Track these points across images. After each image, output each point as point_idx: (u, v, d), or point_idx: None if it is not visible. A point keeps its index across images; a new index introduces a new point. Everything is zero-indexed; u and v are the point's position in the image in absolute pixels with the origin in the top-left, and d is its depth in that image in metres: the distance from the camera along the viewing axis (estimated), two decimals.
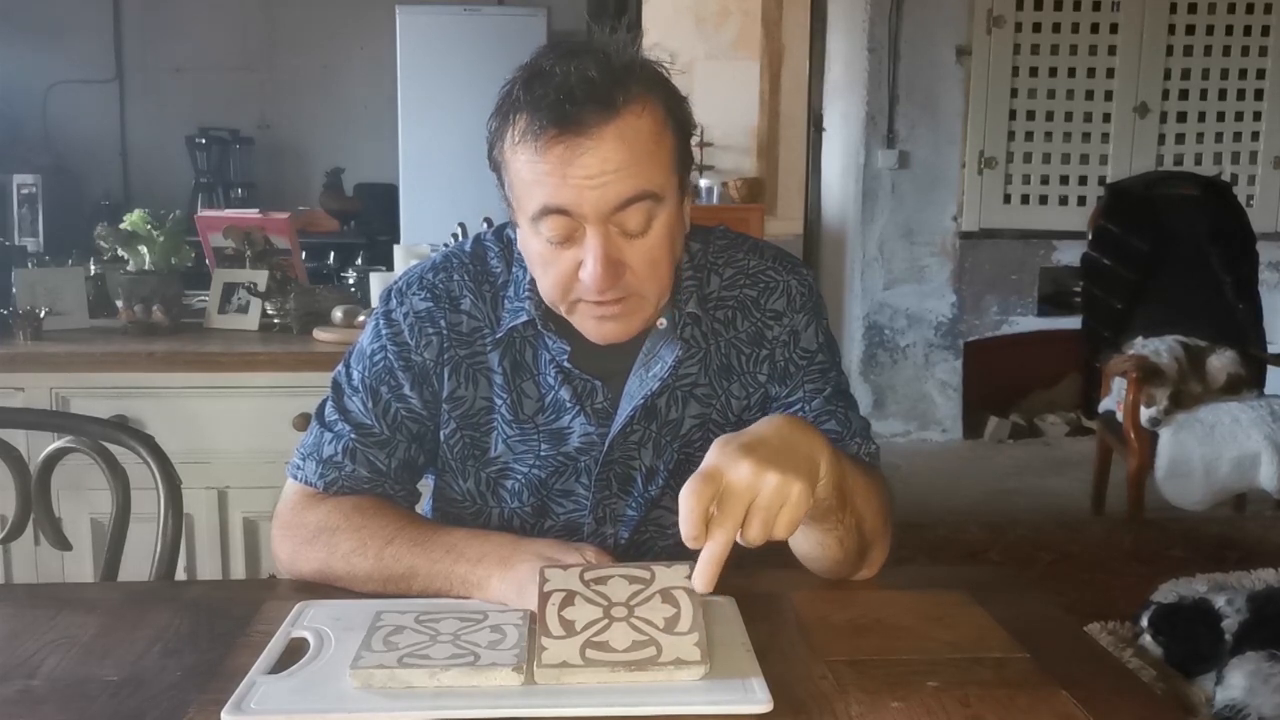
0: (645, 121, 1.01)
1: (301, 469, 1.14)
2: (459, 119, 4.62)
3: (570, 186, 0.99)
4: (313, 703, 0.82)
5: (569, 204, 1.00)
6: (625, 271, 1.03)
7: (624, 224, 1.02)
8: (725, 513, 0.85)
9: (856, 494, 1.02)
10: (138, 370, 2.13)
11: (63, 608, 1.03)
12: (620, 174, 0.99)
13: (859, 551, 1.06)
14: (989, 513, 3.81)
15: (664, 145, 1.03)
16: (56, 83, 5.07)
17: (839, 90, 5.16)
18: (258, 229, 2.49)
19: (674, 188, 1.05)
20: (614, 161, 0.99)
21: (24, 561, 2.10)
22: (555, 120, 0.98)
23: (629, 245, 1.03)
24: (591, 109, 0.98)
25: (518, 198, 1.05)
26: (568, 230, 1.02)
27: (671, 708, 0.81)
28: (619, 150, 0.99)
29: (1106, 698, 0.84)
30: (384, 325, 1.16)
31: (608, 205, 1.00)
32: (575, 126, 0.98)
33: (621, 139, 0.99)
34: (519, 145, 1.01)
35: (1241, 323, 3.80)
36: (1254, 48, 4.64)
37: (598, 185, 0.99)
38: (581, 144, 0.98)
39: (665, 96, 1.04)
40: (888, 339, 4.82)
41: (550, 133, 0.98)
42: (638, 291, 1.06)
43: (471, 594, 1.02)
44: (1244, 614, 2.21)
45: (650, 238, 1.04)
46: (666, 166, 1.04)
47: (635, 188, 1.01)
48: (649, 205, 1.02)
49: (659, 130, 1.03)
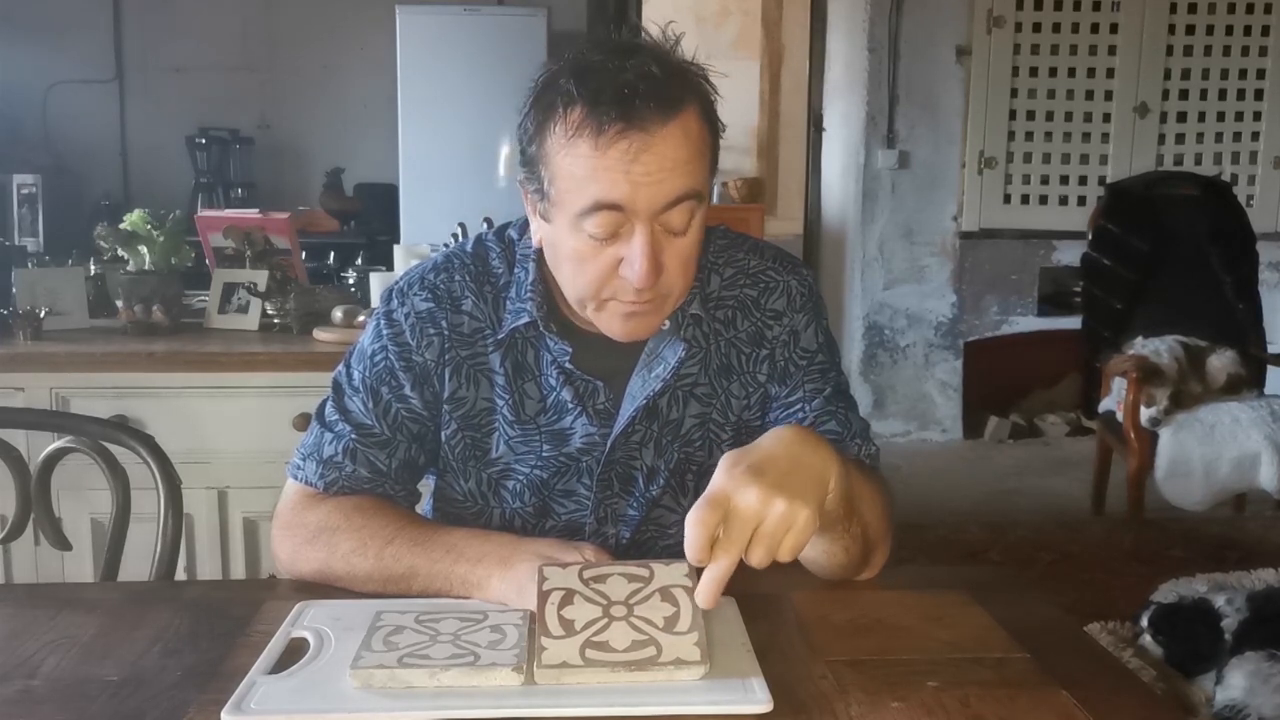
0: (696, 122, 1.02)
1: (302, 469, 1.14)
2: (459, 119, 4.62)
3: (629, 182, 0.99)
4: (313, 703, 0.82)
5: (624, 199, 1.00)
6: (663, 271, 1.04)
7: (669, 222, 1.02)
8: (730, 538, 0.85)
9: (863, 502, 1.02)
10: (138, 370, 2.13)
11: (63, 608, 1.03)
12: (676, 172, 1.00)
13: (863, 556, 1.07)
14: (989, 513, 3.81)
15: (708, 145, 1.04)
16: (56, 83, 5.07)
17: (839, 90, 5.16)
18: (258, 229, 2.49)
19: (709, 189, 1.07)
20: (672, 160, 0.99)
21: (24, 561, 2.10)
22: (621, 115, 0.98)
23: (669, 244, 1.03)
24: (656, 106, 0.98)
25: (561, 192, 1.02)
26: (615, 226, 1.01)
27: (671, 708, 0.81)
28: (677, 148, 1.00)
29: (1106, 698, 0.84)
30: (385, 325, 1.16)
31: (660, 203, 1.00)
32: (640, 122, 0.98)
33: (681, 136, 1.00)
34: (573, 139, 0.99)
35: (1241, 323, 3.80)
36: (1254, 48, 4.64)
37: (655, 182, 0.99)
38: (645, 141, 0.98)
39: (708, 98, 1.05)
40: (888, 339, 4.82)
41: (616, 127, 0.98)
42: (668, 291, 1.06)
43: (471, 594, 1.01)
44: (1244, 614, 2.21)
45: (689, 237, 1.04)
46: (709, 167, 1.05)
47: (686, 186, 1.01)
48: (693, 205, 1.03)
49: (705, 131, 1.04)
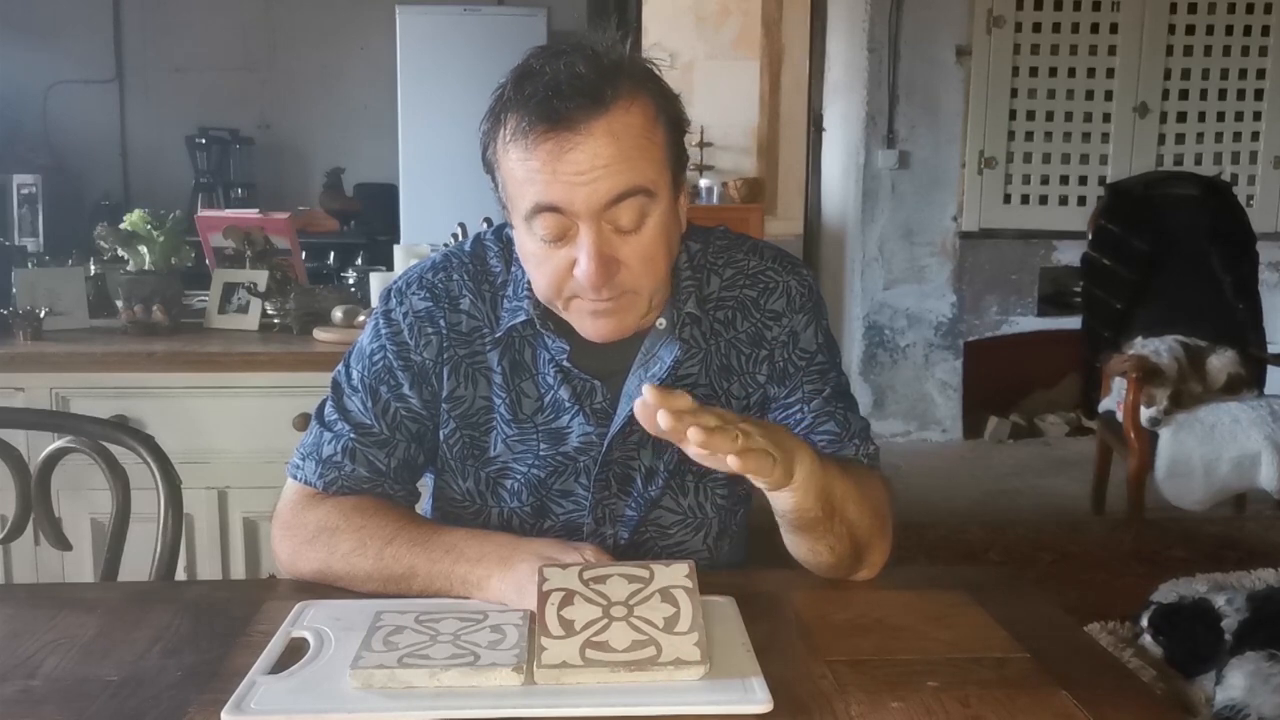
0: (635, 117, 1.01)
1: (301, 469, 1.14)
2: (459, 119, 4.57)
3: (561, 183, 0.99)
4: (313, 703, 0.82)
5: (560, 201, 1.00)
6: (619, 269, 1.03)
7: (617, 220, 1.02)
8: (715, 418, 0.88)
9: (846, 502, 1.02)
10: (138, 370, 2.13)
11: (63, 608, 1.03)
12: (610, 169, 0.99)
13: (853, 555, 1.07)
14: (989, 513, 3.81)
15: (655, 141, 1.03)
16: (56, 83, 5.07)
17: (839, 90, 5.16)
18: (258, 229, 2.49)
19: (667, 184, 1.05)
20: (604, 157, 0.99)
21: (24, 561, 2.10)
22: (544, 117, 0.98)
23: (623, 242, 1.03)
24: (580, 104, 0.98)
25: (510, 197, 1.05)
26: (561, 228, 1.02)
27: (671, 708, 0.81)
28: (609, 145, 0.99)
29: (1106, 698, 0.84)
30: (383, 325, 1.16)
31: (599, 201, 1.00)
32: (564, 122, 0.98)
33: (611, 134, 0.99)
34: (510, 144, 1.01)
35: (1241, 323, 3.80)
36: (1254, 48, 4.64)
37: (588, 181, 0.99)
38: (571, 139, 0.98)
39: (656, 93, 1.04)
40: (888, 339, 4.82)
41: (539, 129, 0.98)
42: (632, 289, 1.05)
43: (471, 594, 1.01)
44: (1244, 614, 2.21)
45: (644, 234, 1.03)
46: (659, 162, 1.04)
47: (626, 183, 1.00)
48: (641, 201, 1.02)
49: (650, 126, 1.02)
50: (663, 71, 1.06)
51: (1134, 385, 3.38)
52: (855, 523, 1.04)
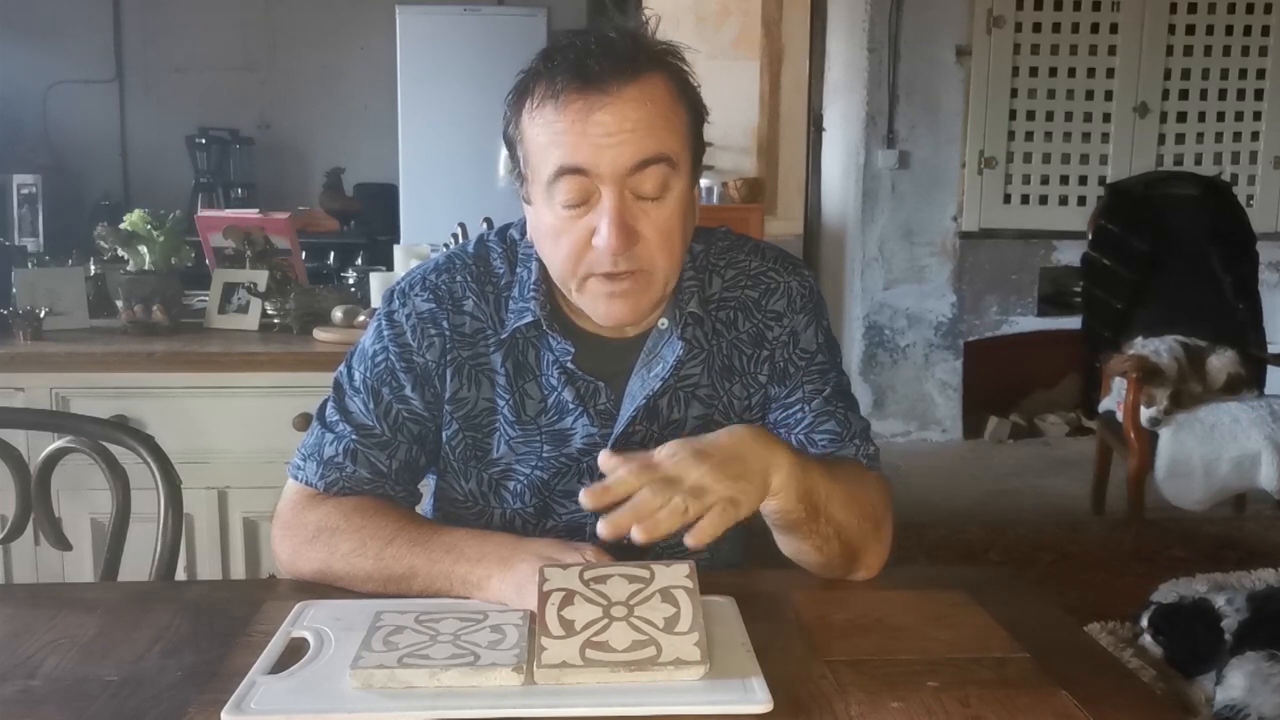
0: (661, 89, 1.03)
1: (302, 469, 1.14)
2: (459, 119, 4.62)
3: (589, 144, 1.00)
4: (313, 703, 0.82)
5: (586, 162, 1.00)
6: (638, 239, 1.03)
7: (639, 187, 1.02)
8: (659, 484, 0.89)
9: (834, 503, 1.02)
10: (138, 370, 2.13)
11: (63, 608, 1.03)
12: (638, 133, 1.00)
13: (844, 555, 1.07)
14: (989, 513, 3.81)
15: (679, 116, 1.05)
16: (56, 83, 5.07)
17: (839, 90, 5.16)
18: (258, 229, 2.49)
19: (688, 164, 1.06)
20: (632, 120, 1.00)
21: (24, 561, 2.10)
22: (576, 76, 1.00)
23: (643, 213, 1.03)
24: (612, 67, 1.00)
25: (533, 166, 1.04)
26: (583, 193, 1.02)
27: (671, 708, 0.81)
28: (638, 108, 1.00)
29: (1106, 698, 0.84)
30: (386, 326, 1.16)
31: (624, 164, 1.01)
32: (596, 83, 0.99)
33: (641, 98, 1.01)
34: (537, 109, 1.02)
35: (1241, 323, 3.80)
36: (1254, 48, 4.64)
37: (615, 144, 1.00)
38: (600, 100, 0.99)
39: (681, 75, 1.06)
40: (888, 339, 4.82)
41: (572, 88, 1.00)
42: (648, 265, 1.05)
43: (471, 594, 1.01)
44: (1244, 614, 2.21)
45: (665, 206, 1.04)
46: (682, 138, 1.05)
47: (652, 149, 1.01)
48: (665, 170, 1.03)
49: (674, 100, 1.04)
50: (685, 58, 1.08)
51: (1134, 385, 3.38)
52: (843, 524, 1.04)
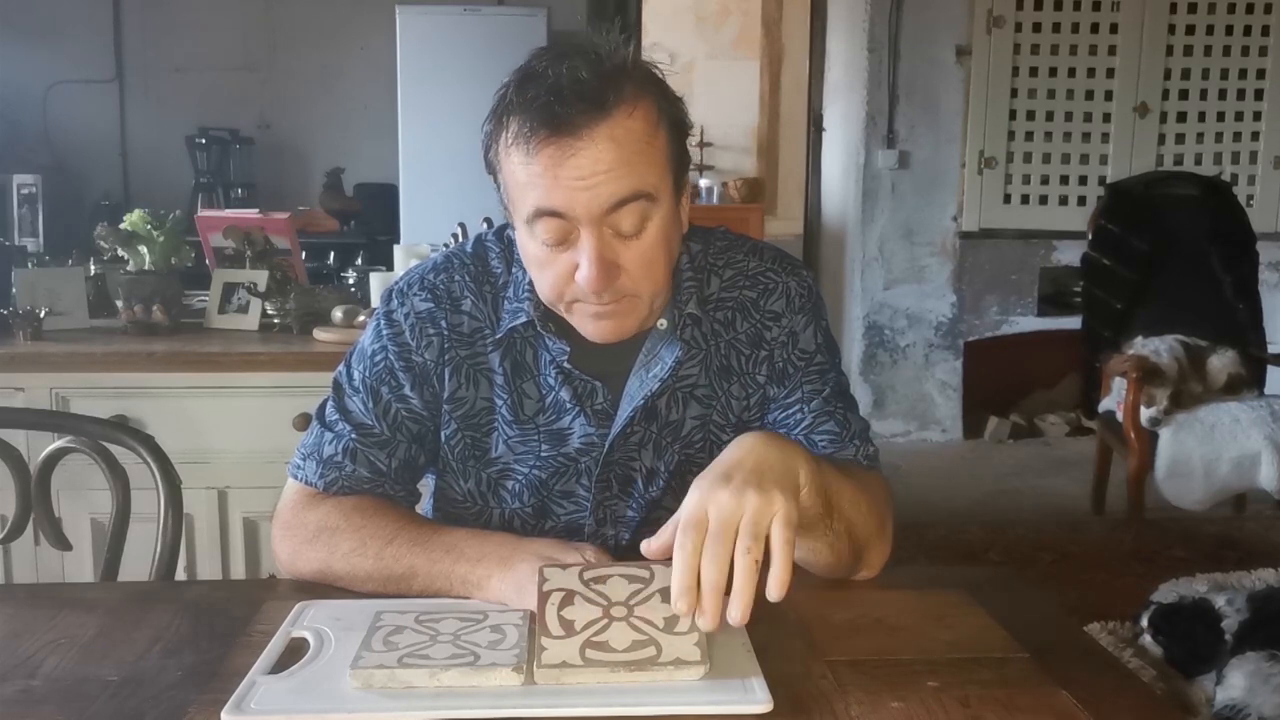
0: (637, 122, 1.00)
1: (302, 469, 1.14)
2: (459, 119, 4.60)
3: (562, 188, 0.99)
4: (313, 703, 0.82)
5: (561, 206, 1.00)
6: (620, 273, 1.03)
7: (618, 225, 1.02)
8: (715, 540, 0.85)
9: (844, 499, 1.02)
10: (138, 370, 2.13)
11: (63, 608, 1.03)
12: (612, 174, 0.99)
13: (852, 555, 1.06)
14: (989, 513, 3.81)
15: (657, 145, 1.03)
16: (56, 83, 5.07)
17: (839, 90, 5.16)
18: (258, 229, 2.49)
19: (669, 188, 1.05)
20: (605, 162, 0.99)
21: (24, 561, 2.10)
22: (545, 121, 0.98)
23: (624, 247, 1.03)
24: (581, 109, 0.98)
25: (512, 200, 1.05)
26: (562, 232, 1.02)
27: (671, 708, 0.81)
28: (610, 151, 0.99)
29: (1106, 698, 0.84)
30: (385, 326, 1.16)
31: (600, 206, 1.00)
32: (566, 127, 0.98)
33: (613, 139, 0.99)
34: (511, 148, 1.01)
35: (1241, 323, 3.80)
36: (1254, 48, 4.64)
37: (589, 186, 0.99)
38: (572, 145, 0.98)
39: (658, 96, 1.04)
40: (888, 339, 4.82)
41: (541, 134, 0.98)
42: (633, 292, 1.05)
43: (471, 594, 1.01)
44: (1244, 614, 2.21)
45: (645, 239, 1.03)
46: (660, 167, 1.03)
47: (628, 188, 1.00)
48: (643, 206, 1.02)
49: (651, 130, 1.02)
50: (665, 74, 1.06)
51: (1134, 385, 3.38)
52: (854, 521, 1.04)
